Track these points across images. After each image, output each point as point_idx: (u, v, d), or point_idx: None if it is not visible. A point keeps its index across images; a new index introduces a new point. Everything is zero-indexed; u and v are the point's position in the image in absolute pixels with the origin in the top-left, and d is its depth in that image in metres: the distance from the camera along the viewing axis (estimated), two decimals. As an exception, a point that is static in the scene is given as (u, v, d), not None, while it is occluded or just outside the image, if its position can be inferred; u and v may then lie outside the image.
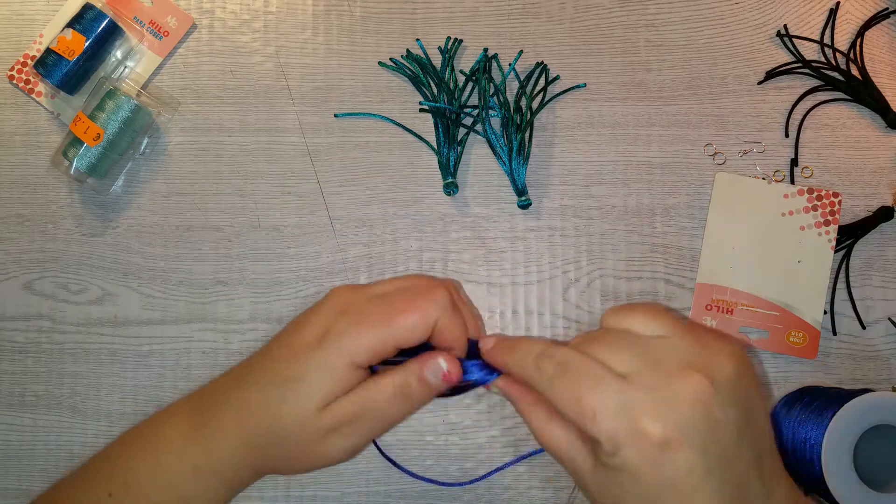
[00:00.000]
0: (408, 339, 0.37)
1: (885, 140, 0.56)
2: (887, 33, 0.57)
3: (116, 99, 0.52)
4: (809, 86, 0.56)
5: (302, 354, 0.38)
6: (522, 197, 0.54)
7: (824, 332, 0.53)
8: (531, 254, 0.55)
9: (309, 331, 0.38)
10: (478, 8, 0.57)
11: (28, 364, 0.54)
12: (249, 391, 0.39)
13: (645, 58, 0.56)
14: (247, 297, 0.54)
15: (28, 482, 0.53)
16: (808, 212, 0.53)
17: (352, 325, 0.37)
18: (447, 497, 0.52)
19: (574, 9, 0.57)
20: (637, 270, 0.54)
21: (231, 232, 0.55)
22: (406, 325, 0.37)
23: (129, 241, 0.55)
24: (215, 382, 0.42)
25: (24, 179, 0.55)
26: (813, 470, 0.46)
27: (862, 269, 0.54)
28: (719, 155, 0.55)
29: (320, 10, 0.57)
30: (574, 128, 0.56)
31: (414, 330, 0.37)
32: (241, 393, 0.39)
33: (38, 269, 0.54)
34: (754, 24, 0.57)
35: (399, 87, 0.56)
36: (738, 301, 0.53)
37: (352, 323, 0.37)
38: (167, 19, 0.56)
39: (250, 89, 0.56)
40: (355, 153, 0.56)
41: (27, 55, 0.56)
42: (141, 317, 0.54)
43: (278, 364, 0.38)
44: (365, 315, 0.38)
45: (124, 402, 0.53)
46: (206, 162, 0.56)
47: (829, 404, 0.46)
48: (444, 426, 0.53)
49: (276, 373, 0.38)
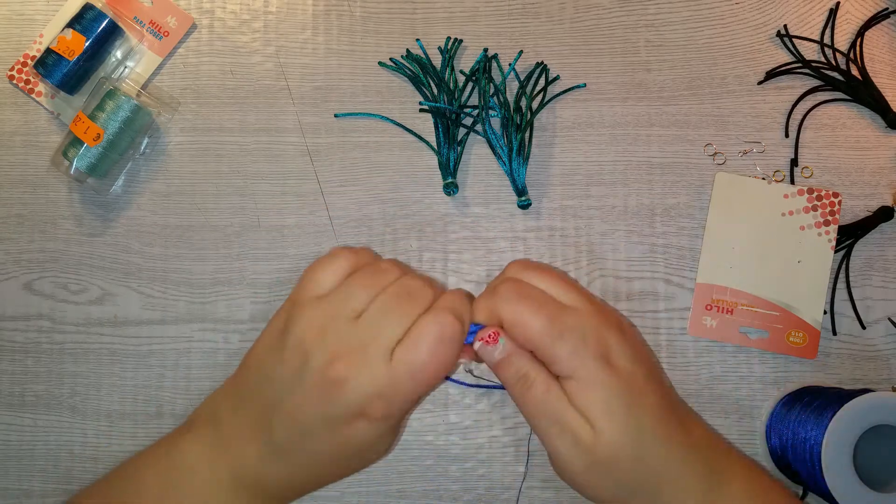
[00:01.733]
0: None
1: (885, 140, 0.56)
2: (887, 33, 0.57)
3: (116, 99, 0.52)
4: (809, 86, 0.56)
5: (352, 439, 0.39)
6: (522, 197, 0.54)
7: (824, 332, 0.53)
8: (531, 254, 0.55)
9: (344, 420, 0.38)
10: (478, 8, 0.57)
11: (28, 364, 0.54)
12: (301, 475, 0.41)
13: (645, 58, 0.56)
14: (247, 297, 0.54)
15: (28, 482, 0.53)
16: (808, 212, 0.53)
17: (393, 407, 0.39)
18: (447, 497, 0.52)
19: (574, 9, 0.57)
20: (637, 270, 0.54)
21: (231, 232, 0.55)
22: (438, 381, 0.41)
23: (129, 241, 0.55)
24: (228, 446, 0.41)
25: (24, 179, 0.55)
26: (813, 470, 0.46)
27: (862, 269, 0.54)
28: (719, 155, 0.55)
29: (320, 10, 0.57)
30: (574, 128, 0.56)
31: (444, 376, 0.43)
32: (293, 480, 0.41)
33: (38, 269, 0.54)
34: (754, 24, 0.57)
35: (399, 87, 0.56)
36: (738, 301, 0.53)
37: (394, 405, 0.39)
38: (167, 19, 0.56)
39: (250, 89, 0.56)
40: (355, 153, 0.56)
41: (27, 55, 0.56)
42: (141, 317, 0.54)
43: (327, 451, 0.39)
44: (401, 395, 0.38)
45: (124, 402, 0.53)
46: (206, 162, 0.56)
47: (829, 404, 0.46)
48: (444, 426, 0.53)
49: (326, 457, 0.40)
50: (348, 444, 0.38)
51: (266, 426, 0.39)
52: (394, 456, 0.52)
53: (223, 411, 0.42)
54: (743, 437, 0.53)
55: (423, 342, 0.37)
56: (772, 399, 0.53)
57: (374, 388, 0.37)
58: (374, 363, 0.37)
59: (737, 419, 0.53)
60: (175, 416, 0.53)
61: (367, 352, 0.38)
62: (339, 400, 0.37)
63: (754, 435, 0.53)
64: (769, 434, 0.51)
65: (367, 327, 0.38)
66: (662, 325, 0.54)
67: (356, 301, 0.39)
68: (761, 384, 0.53)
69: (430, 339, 0.38)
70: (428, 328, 0.38)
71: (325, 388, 0.37)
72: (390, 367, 0.37)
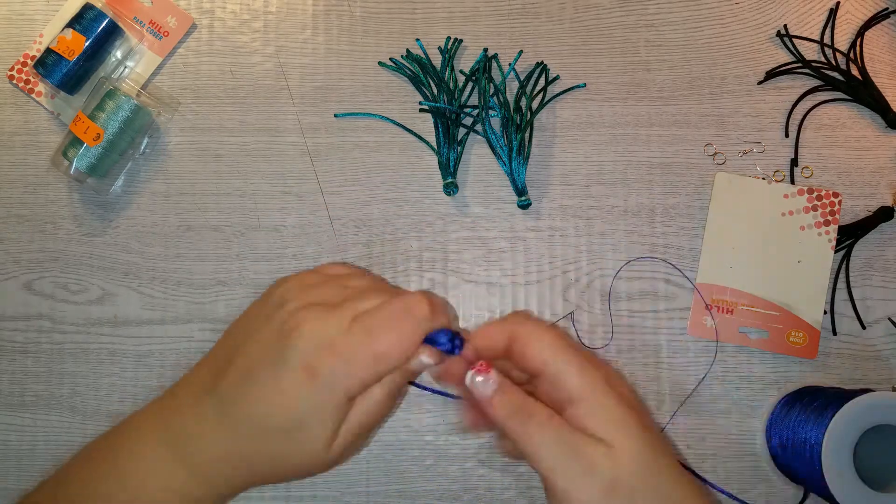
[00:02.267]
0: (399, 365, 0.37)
1: (885, 140, 0.56)
2: (887, 33, 0.57)
3: (116, 99, 0.52)
4: (809, 86, 0.56)
5: (292, 396, 0.36)
6: (522, 197, 0.54)
7: (824, 332, 0.53)
8: (531, 254, 0.55)
9: (290, 367, 0.36)
10: (478, 8, 0.57)
11: (28, 364, 0.54)
12: (238, 441, 0.37)
13: (645, 58, 0.56)
14: (247, 297, 0.54)
15: (28, 482, 0.52)
16: (808, 212, 0.53)
17: (342, 365, 0.36)
18: (447, 497, 0.52)
19: (574, 9, 0.57)
20: (637, 270, 0.54)
21: (231, 232, 0.55)
22: (397, 357, 0.37)
23: (128, 241, 0.55)
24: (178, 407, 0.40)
25: (24, 179, 0.55)
26: (813, 470, 0.46)
27: (862, 269, 0.54)
28: (719, 155, 0.55)
29: (320, 10, 0.57)
30: (574, 128, 0.56)
31: (404, 356, 0.37)
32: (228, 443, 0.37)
33: (38, 269, 0.54)
34: (754, 24, 0.57)
35: (399, 87, 0.56)
36: (738, 301, 0.53)
37: (342, 363, 0.36)
38: (167, 19, 0.56)
39: (250, 89, 0.56)
40: (355, 153, 0.56)
41: (27, 55, 0.56)
42: (141, 317, 0.54)
43: (265, 407, 0.36)
44: (354, 354, 0.36)
45: (124, 402, 0.53)
46: (206, 162, 0.56)
47: (829, 404, 0.46)
48: (444, 426, 0.53)
49: (266, 419, 0.36)
50: (287, 409, 0.36)
51: (220, 374, 0.38)
52: (394, 456, 0.52)
53: (187, 374, 0.42)
54: (743, 437, 0.53)
55: (386, 309, 0.37)
56: (772, 399, 0.53)
57: (326, 339, 0.36)
58: (336, 319, 0.37)
59: (737, 419, 0.53)
60: (175, 416, 0.53)
61: (333, 309, 0.37)
62: (290, 342, 0.36)
63: (754, 435, 0.53)
64: (769, 434, 0.51)
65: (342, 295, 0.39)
66: (662, 325, 0.54)
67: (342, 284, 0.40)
68: (761, 384, 0.53)
69: (394, 309, 0.37)
70: (395, 301, 0.37)
71: (284, 331, 0.37)
72: (350, 326, 0.36)
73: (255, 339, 0.38)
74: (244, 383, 0.37)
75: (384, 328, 0.37)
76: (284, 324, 0.37)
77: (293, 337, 0.36)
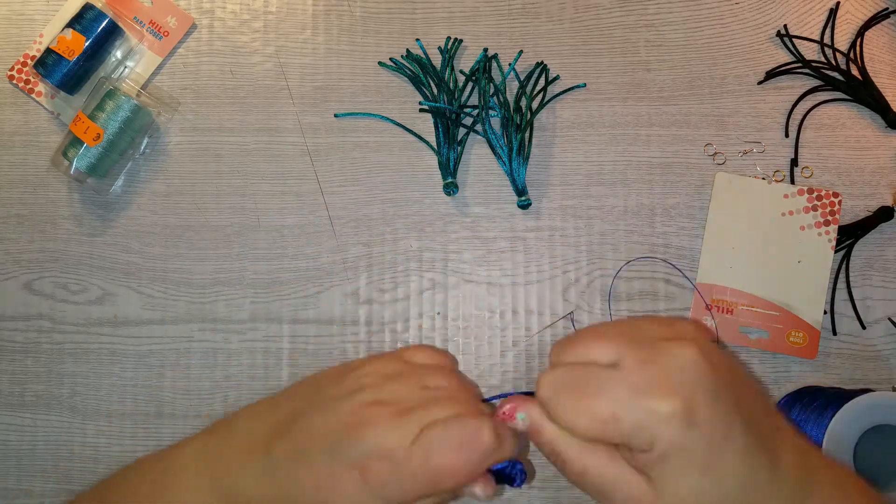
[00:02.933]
0: (453, 490, 0.37)
1: (885, 140, 0.56)
2: (887, 33, 0.57)
3: (116, 99, 0.52)
4: (809, 86, 0.56)
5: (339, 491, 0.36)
6: (522, 197, 0.54)
7: (824, 332, 0.53)
8: (531, 254, 0.55)
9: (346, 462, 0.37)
10: (478, 8, 0.57)
11: (28, 364, 0.54)
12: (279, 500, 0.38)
13: (645, 58, 0.56)
14: (247, 297, 0.54)
15: (28, 482, 0.52)
16: (808, 212, 0.53)
17: (395, 477, 0.36)
18: (447, 497, 0.52)
19: (574, 9, 0.57)
20: (637, 270, 0.54)
21: (231, 232, 0.55)
22: (451, 485, 0.37)
23: (128, 241, 0.55)
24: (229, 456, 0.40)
25: (24, 179, 0.55)
26: (813, 470, 0.46)
27: (862, 269, 0.54)
28: (719, 155, 0.55)
29: (320, 10, 0.57)
30: (574, 128, 0.56)
31: (459, 485, 0.37)
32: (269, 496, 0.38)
33: (38, 269, 0.54)
34: (754, 24, 0.57)
35: (399, 87, 0.56)
36: (738, 301, 0.53)
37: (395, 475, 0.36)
38: (167, 19, 0.56)
39: (250, 89, 0.56)
40: (355, 153, 0.56)
41: (27, 55, 0.56)
42: (141, 317, 0.54)
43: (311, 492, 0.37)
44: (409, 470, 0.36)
45: (124, 402, 0.53)
46: (206, 162, 0.56)
47: (829, 404, 0.46)
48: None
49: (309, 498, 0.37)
50: (331, 500, 0.37)
51: (278, 437, 0.39)
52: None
53: (242, 418, 0.42)
54: (743, 437, 0.53)
55: (453, 430, 0.36)
56: (772, 399, 0.53)
57: (387, 447, 0.36)
58: (403, 430, 0.37)
59: (737, 419, 0.53)
60: (175, 416, 0.53)
61: (402, 416, 0.37)
62: (353, 438, 0.37)
63: (754, 435, 0.52)
64: (769, 434, 0.51)
65: (416, 397, 0.38)
66: (662, 325, 0.54)
67: (421, 381, 0.40)
68: (761, 384, 0.53)
69: (462, 433, 0.36)
70: (465, 423, 0.37)
71: (352, 422, 0.37)
72: (414, 440, 0.36)
73: (321, 416, 0.38)
74: (298, 458, 0.38)
75: (446, 453, 0.36)
76: (353, 415, 0.37)
77: (356, 434, 0.37)
